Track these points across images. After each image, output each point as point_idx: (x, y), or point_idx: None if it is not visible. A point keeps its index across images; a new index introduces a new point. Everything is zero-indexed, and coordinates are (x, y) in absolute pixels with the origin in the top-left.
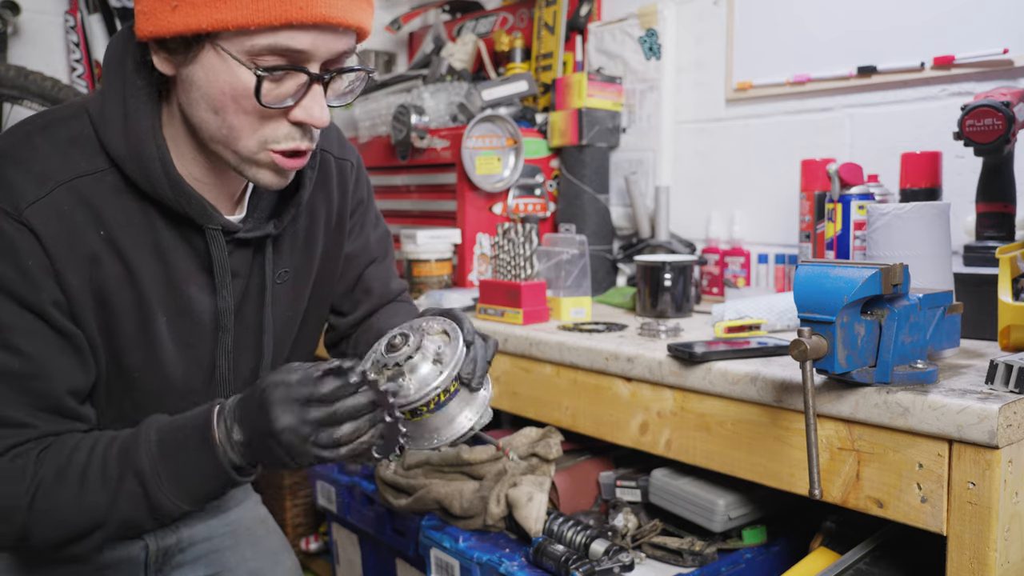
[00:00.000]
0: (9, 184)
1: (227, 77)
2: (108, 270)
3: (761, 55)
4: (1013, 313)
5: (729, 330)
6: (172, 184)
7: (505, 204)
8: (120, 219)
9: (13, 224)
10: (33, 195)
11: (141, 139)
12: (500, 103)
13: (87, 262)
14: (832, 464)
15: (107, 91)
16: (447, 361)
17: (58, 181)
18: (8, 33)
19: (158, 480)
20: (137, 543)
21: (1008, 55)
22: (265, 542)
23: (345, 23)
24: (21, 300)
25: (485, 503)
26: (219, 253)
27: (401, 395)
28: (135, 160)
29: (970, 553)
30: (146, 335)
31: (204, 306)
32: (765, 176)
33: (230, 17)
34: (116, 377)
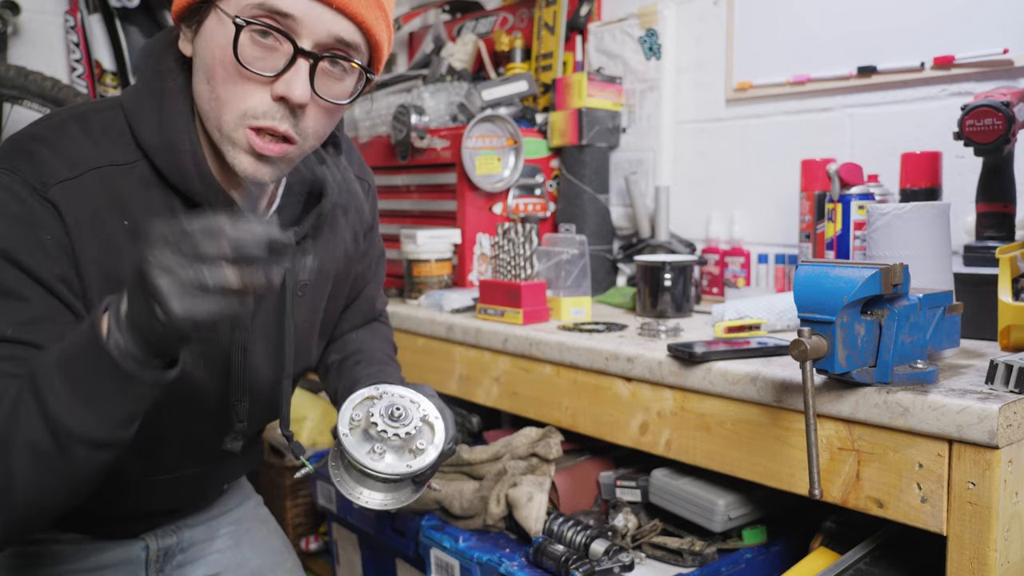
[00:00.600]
0: (41, 161)
1: (219, 40)
2: (127, 259)
3: (761, 55)
4: (1013, 313)
5: (729, 330)
6: (201, 177)
7: (505, 204)
8: (145, 211)
9: (37, 198)
10: (63, 175)
11: (175, 131)
12: (500, 103)
13: (106, 249)
14: (832, 464)
15: (142, 84)
16: (416, 464)
17: (89, 166)
18: (8, 33)
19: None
20: (137, 543)
21: (1008, 55)
22: (266, 542)
23: (337, 2)
24: (32, 271)
25: (485, 503)
26: None
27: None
28: (167, 151)
29: (970, 553)
30: None
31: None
32: (765, 176)
33: None
34: None
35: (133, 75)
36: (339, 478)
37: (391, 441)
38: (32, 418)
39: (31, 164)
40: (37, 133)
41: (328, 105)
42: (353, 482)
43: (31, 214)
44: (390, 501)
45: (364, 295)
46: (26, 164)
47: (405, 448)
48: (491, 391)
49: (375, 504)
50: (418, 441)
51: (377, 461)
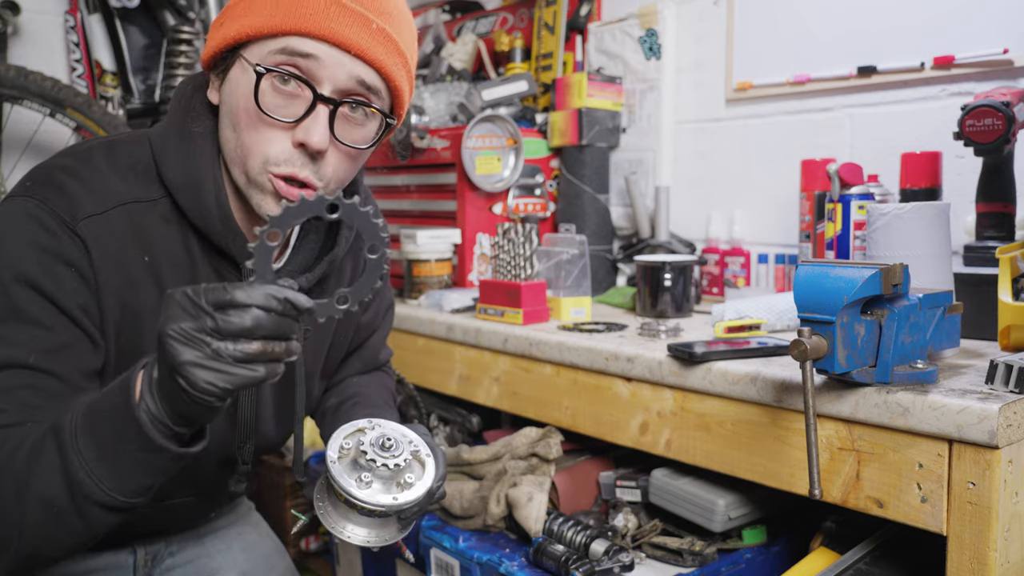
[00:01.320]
0: (70, 195)
1: (243, 88)
2: (145, 296)
3: (761, 55)
4: (1013, 313)
5: (729, 330)
6: (223, 217)
7: (505, 204)
8: (164, 248)
9: (66, 231)
10: (92, 209)
11: (199, 171)
12: (500, 103)
13: (127, 284)
14: (832, 464)
15: (171, 124)
16: (403, 498)
17: (117, 201)
18: (8, 33)
19: (74, 440)
20: (124, 548)
21: (1008, 55)
22: (257, 546)
23: (356, 48)
24: (57, 301)
25: (485, 503)
26: None
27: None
28: (191, 189)
29: (970, 553)
30: None
31: None
32: (765, 176)
33: (251, 23)
34: None
35: (134, 76)
36: (323, 511)
37: (379, 471)
38: (52, 474)
39: (61, 196)
40: (67, 165)
41: (349, 150)
42: (338, 516)
43: (59, 246)
44: (373, 538)
45: (369, 344)
46: (56, 196)
47: (393, 480)
48: (491, 391)
49: (358, 540)
50: (407, 475)
51: (362, 490)
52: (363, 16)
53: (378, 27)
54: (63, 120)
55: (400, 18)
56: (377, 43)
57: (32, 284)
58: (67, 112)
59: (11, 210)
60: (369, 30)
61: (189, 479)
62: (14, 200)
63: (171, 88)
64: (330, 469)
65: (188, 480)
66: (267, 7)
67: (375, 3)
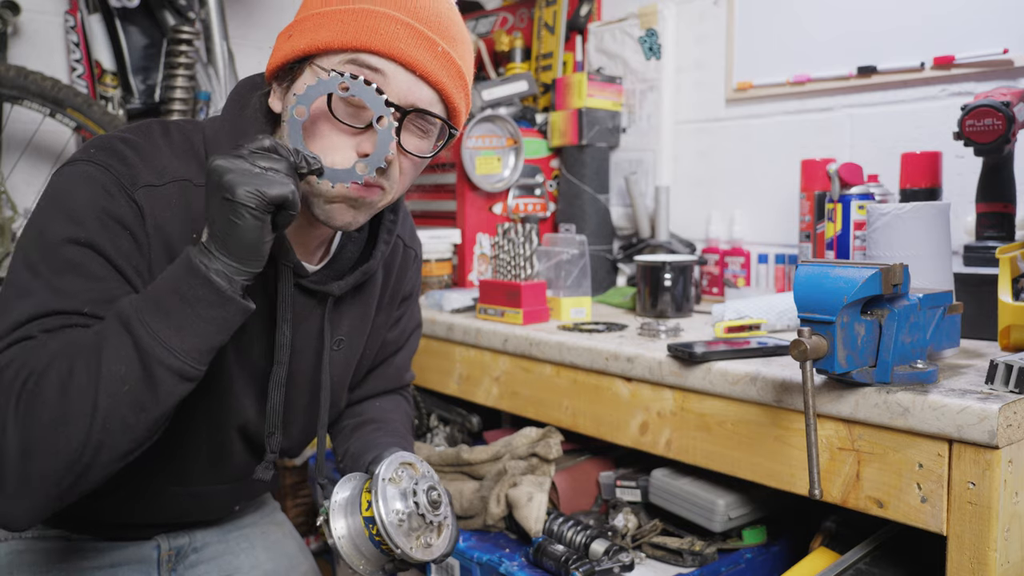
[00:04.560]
0: (132, 164)
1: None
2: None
3: (761, 55)
4: (1013, 313)
5: (729, 330)
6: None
7: (505, 204)
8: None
9: (125, 196)
10: (151, 180)
11: None
12: (500, 103)
13: (171, 256)
14: (832, 464)
15: (225, 117)
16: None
17: (173, 177)
18: (8, 33)
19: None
20: (149, 543)
21: (1008, 55)
22: (280, 546)
23: (421, 69)
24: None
25: (485, 503)
26: (285, 288)
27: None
28: None
29: (970, 553)
30: None
31: (259, 336)
32: (765, 176)
33: (324, 37)
34: None
35: (134, 76)
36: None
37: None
38: (123, 350)
39: (123, 164)
40: (128, 138)
41: (413, 159)
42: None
43: (118, 209)
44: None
45: (393, 362)
46: (118, 163)
47: (417, 531)
48: (491, 391)
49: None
50: (430, 537)
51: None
52: (430, 40)
53: (443, 50)
54: (63, 120)
55: (463, 43)
56: (441, 66)
57: (89, 242)
58: (67, 112)
59: (74, 172)
60: (435, 53)
61: (219, 464)
62: (76, 164)
63: (171, 88)
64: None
65: (218, 465)
66: (340, 24)
67: (442, 28)
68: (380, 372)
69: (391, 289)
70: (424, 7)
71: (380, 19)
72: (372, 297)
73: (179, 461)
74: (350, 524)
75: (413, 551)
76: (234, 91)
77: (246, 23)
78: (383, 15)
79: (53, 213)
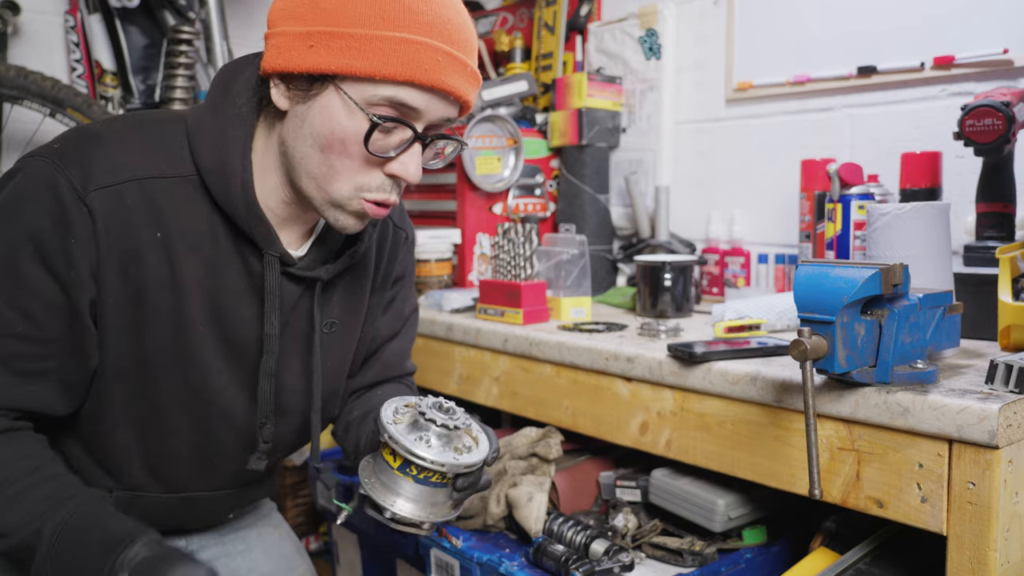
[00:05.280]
0: (87, 164)
1: (342, 119)
2: (151, 271)
3: (761, 55)
4: (1013, 313)
5: (729, 330)
6: (246, 204)
7: (505, 204)
8: (183, 225)
9: (76, 201)
10: (104, 181)
11: (229, 155)
12: (500, 103)
13: (130, 258)
14: (832, 464)
15: (209, 106)
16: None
17: (132, 176)
18: (8, 33)
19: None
20: None
21: (1008, 55)
22: (278, 548)
23: (457, 93)
24: (53, 269)
25: (485, 503)
26: (272, 278)
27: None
28: (219, 173)
29: (970, 553)
30: (179, 342)
31: (247, 327)
32: (765, 176)
33: (361, 65)
34: (138, 379)
35: (134, 76)
36: (371, 486)
37: (438, 431)
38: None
39: (79, 165)
40: (96, 133)
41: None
42: (387, 491)
43: (66, 216)
44: (425, 514)
45: (392, 349)
46: (74, 164)
47: (450, 444)
48: (491, 391)
49: (406, 512)
50: (464, 440)
51: (424, 449)
52: (463, 63)
53: (471, 69)
54: (63, 120)
55: (476, 46)
56: (470, 84)
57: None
58: (67, 112)
59: (30, 172)
60: (466, 73)
61: (210, 465)
62: (35, 160)
63: (171, 88)
64: (387, 430)
65: (209, 466)
66: (380, 54)
67: (467, 45)
68: (378, 359)
69: (383, 271)
70: (456, 28)
71: (420, 50)
72: (365, 279)
73: (170, 464)
74: (398, 488)
75: (461, 458)
76: (217, 78)
77: (246, 23)
78: (423, 45)
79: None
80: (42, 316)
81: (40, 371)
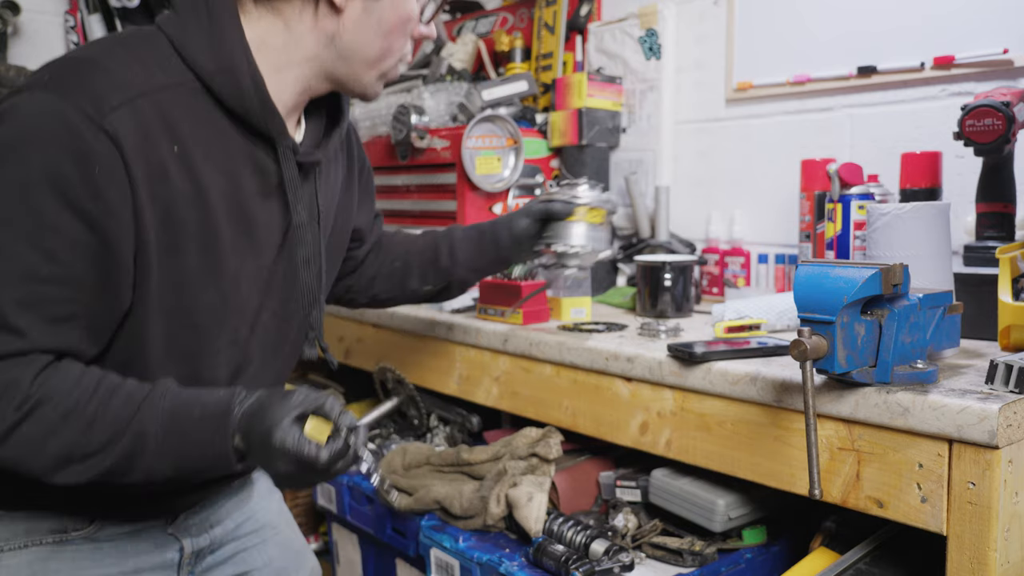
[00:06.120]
0: (93, 88)
1: (408, 3)
2: (177, 187)
3: (761, 55)
4: (1013, 313)
5: (729, 330)
6: (260, 98)
7: (505, 204)
8: (194, 134)
9: (93, 128)
10: (117, 100)
11: (232, 54)
12: (500, 103)
13: (157, 177)
14: (832, 464)
15: (185, 12)
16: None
17: (141, 91)
18: (8, 33)
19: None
20: (173, 545)
21: (1008, 55)
22: (291, 543)
23: None
24: (75, 205)
25: (485, 503)
26: (290, 169)
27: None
28: (226, 74)
29: (970, 553)
30: (210, 253)
31: (267, 228)
32: (765, 176)
33: None
34: (176, 301)
35: None
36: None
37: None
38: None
39: (83, 91)
40: (88, 56)
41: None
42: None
43: (84, 146)
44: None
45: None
46: (76, 90)
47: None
48: (491, 391)
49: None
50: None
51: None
52: None
53: None
54: None
55: None
56: None
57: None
58: None
59: (29, 108)
60: None
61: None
62: (29, 95)
63: None
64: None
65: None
66: None
67: None
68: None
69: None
70: None
71: None
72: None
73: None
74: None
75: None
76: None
77: None
78: None
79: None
80: (67, 256)
81: (68, 315)
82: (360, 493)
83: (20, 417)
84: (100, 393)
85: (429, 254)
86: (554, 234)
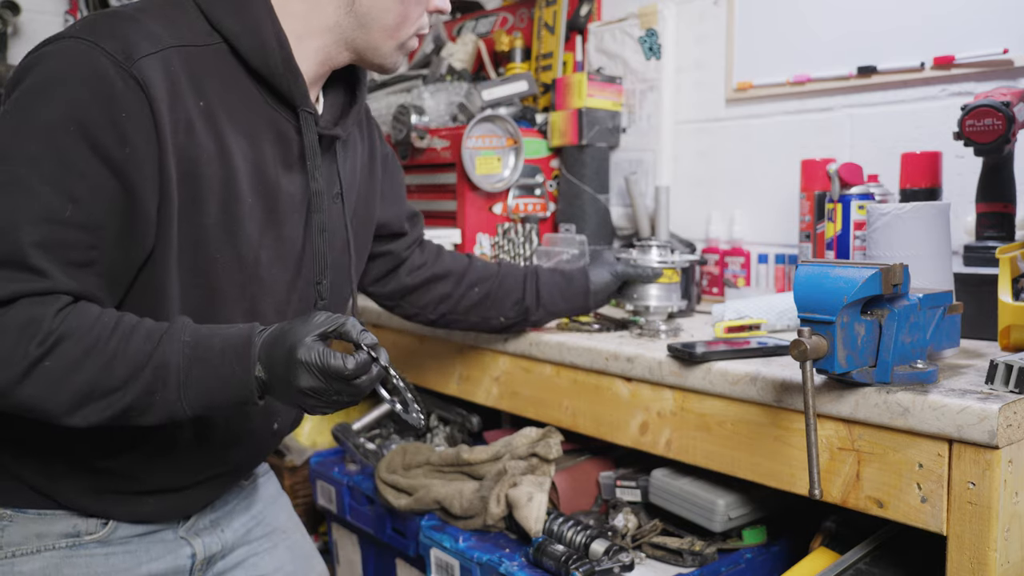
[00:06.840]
0: (123, 36)
1: None
2: (202, 142)
3: (761, 55)
4: (1013, 313)
5: (729, 330)
6: (285, 60)
7: (505, 204)
8: (220, 95)
9: (122, 73)
10: (147, 49)
11: (258, 17)
12: (500, 103)
13: (183, 129)
14: (832, 464)
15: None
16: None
17: (169, 44)
18: (8, 33)
19: (179, 381)
20: (185, 550)
21: (1008, 55)
22: (300, 547)
23: None
24: (101, 150)
25: (485, 503)
26: (311, 135)
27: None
28: (252, 35)
29: (970, 553)
30: (230, 214)
31: (286, 195)
32: (765, 176)
33: None
34: (193, 259)
35: None
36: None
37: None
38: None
39: (113, 38)
40: (117, 12)
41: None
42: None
43: (111, 91)
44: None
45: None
46: (108, 38)
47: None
48: (491, 391)
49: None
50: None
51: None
52: None
53: None
54: None
55: None
56: None
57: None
58: None
59: (62, 53)
60: None
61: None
62: (64, 41)
63: None
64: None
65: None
66: None
67: None
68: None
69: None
70: None
71: None
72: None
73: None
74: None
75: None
76: None
77: None
78: None
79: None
80: (89, 200)
81: (86, 260)
82: (360, 493)
83: (43, 352)
84: (121, 329)
85: (515, 294)
86: (634, 293)
